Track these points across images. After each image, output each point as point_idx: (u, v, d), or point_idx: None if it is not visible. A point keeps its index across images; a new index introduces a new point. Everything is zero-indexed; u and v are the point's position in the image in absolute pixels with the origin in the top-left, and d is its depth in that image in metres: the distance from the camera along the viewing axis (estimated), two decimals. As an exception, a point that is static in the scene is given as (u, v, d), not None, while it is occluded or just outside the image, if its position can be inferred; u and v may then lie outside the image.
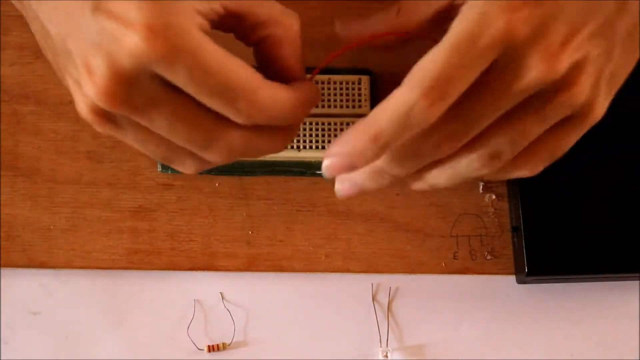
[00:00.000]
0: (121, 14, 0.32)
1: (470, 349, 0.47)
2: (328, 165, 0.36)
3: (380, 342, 0.47)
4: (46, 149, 0.48)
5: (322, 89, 0.46)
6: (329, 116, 0.46)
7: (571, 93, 0.36)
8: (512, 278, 0.47)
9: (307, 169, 0.47)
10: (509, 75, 0.35)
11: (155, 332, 0.47)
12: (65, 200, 0.48)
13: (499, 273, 0.47)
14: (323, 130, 0.45)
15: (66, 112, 0.49)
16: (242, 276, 0.47)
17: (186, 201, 0.48)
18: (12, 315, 0.47)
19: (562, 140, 0.39)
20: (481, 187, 0.48)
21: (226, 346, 0.46)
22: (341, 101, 0.46)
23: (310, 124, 0.46)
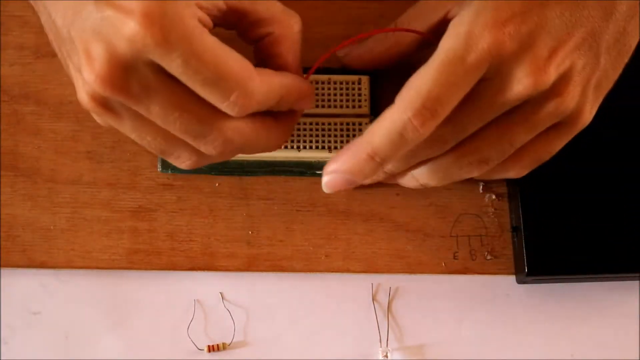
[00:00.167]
0: (121, 3, 0.32)
1: (470, 349, 0.47)
2: (327, 182, 0.39)
3: (380, 342, 0.47)
4: (46, 149, 0.48)
5: (322, 89, 0.46)
6: (329, 116, 0.46)
7: (558, 102, 0.37)
8: (512, 278, 0.47)
9: (307, 169, 0.47)
10: (497, 88, 0.36)
11: (155, 332, 0.47)
12: (65, 200, 0.48)
13: (499, 273, 0.47)
14: (323, 130, 0.45)
15: (66, 112, 0.49)
16: (242, 276, 0.47)
17: (186, 201, 0.48)
18: (12, 315, 0.47)
19: (550, 145, 0.40)
20: (481, 187, 0.48)
21: (226, 346, 0.46)
22: (341, 101, 0.46)
23: (310, 124, 0.46)
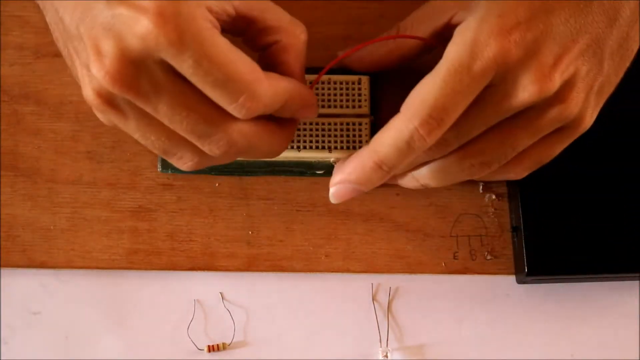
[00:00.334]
0: (134, 2, 0.32)
1: (470, 349, 0.47)
2: (335, 192, 0.40)
3: (380, 342, 0.47)
4: (46, 149, 0.48)
5: (322, 89, 0.46)
6: (329, 116, 0.46)
7: (562, 109, 0.37)
8: (512, 278, 0.47)
9: (307, 169, 0.47)
10: (502, 94, 0.36)
11: (155, 332, 0.47)
12: (65, 200, 0.48)
13: (499, 273, 0.47)
14: (323, 130, 0.45)
15: (66, 112, 0.49)
16: (242, 276, 0.47)
17: (186, 201, 0.48)
18: (12, 315, 0.47)
19: (551, 148, 0.40)
20: (481, 187, 0.48)
21: (226, 346, 0.46)
22: (341, 101, 0.46)
23: (310, 124, 0.45)
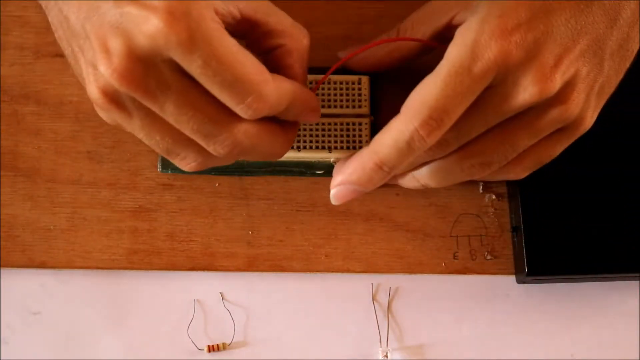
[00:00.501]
0: (144, 0, 0.32)
1: (470, 349, 0.47)
2: (336, 194, 0.40)
3: (380, 342, 0.47)
4: (46, 149, 0.48)
5: (322, 89, 0.46)
6: (329, 116, 0.46)
7: (562, 110, 0.37)
8: (512, 278, 0.47)
9: (307, 169, 0.47)
10: (502, 95, 0.36)
11: (155, 332, 0.47)
12: (65, 200, 0.48)
13: (499, 273, 0.47)
14: (323, 130, 0.45)
15: (66, 112, 0.49)
16: (242, 276, 0.47)
17: (186, 201, 0.48)
18: (12, 315, 0.47)
19: (551, 149, 0.40)
20: (481, 187, 0.48)
21: (226, 346, 0.46)
22: (341, 101, 0.46)
23: (310, 124, 0.45)
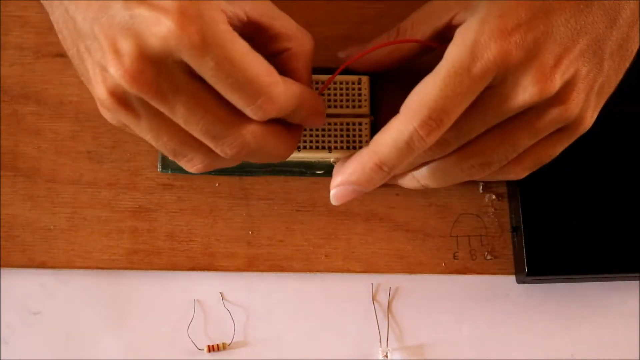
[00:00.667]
0: (155, 2, 0.32)
1: (470, 349, 0.47)
2: (336, 194, 0.40)
3: (380, 342, 0.47)
4: (46, 149, 0.48)
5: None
6: (329, 116, 0.45)
7: (562, 110, 0.37)
8: (512, 278, 0.47)
9: (307, 169, 0.47)
10: (502, 95, 0.36)
11: (155, 332, 0.47)
12: (65, 200, 0.48)
13: (499, 273, 0.47)
14: (323, 130, 0.45)
15: (66, 112, 0.49)
16: (242, 276, 0.47)
17: (186, 201, 0.48)
18: (12, 315, 0.47)
19: (551, 149, 0.40)
20: (481, 187, 0.48)
21: (226, 346, 0.46)
22: (341, 101, 0.46)
23: (310, 124, 0.46)
